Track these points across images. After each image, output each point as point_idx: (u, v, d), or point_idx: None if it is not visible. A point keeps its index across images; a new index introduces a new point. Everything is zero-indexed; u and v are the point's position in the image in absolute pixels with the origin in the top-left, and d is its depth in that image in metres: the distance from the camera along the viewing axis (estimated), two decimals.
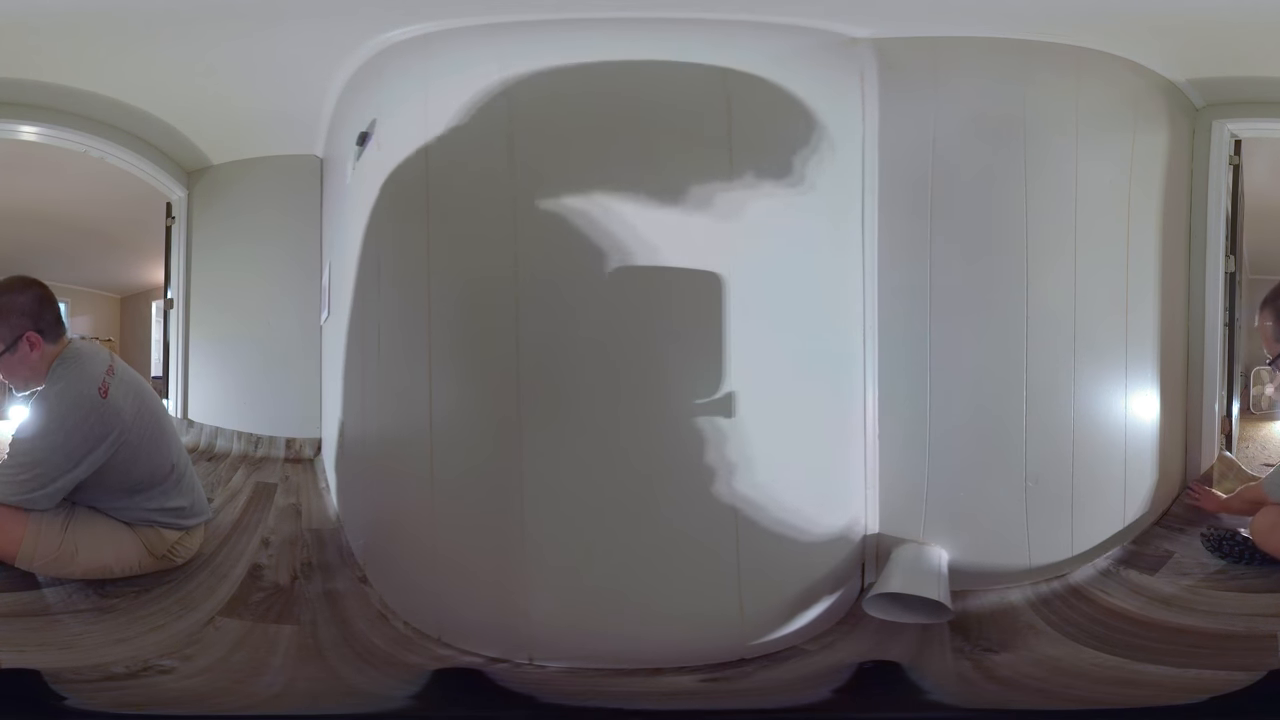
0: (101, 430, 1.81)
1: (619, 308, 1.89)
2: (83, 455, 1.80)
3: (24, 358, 1.79)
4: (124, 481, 1.96)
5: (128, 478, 1.95)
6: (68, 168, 3.04)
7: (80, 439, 1.79)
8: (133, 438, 1.91)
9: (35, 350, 1.79)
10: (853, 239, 2.13)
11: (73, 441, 1.78)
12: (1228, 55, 2.29)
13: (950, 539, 2.17)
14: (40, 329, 1.79)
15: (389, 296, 2.14)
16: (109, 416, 1.82)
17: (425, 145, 1.96)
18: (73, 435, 1.78)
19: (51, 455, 1.79)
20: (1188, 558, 2.26)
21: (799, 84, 2.03)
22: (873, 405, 2.15)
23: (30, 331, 1.78)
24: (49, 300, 1.83)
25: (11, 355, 1.77)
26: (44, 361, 1.81)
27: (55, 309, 1.84)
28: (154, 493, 2.06)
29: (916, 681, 1.81)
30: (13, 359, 1.79)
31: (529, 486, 1.88)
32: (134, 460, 1.94)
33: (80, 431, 1.79)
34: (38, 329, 1.79)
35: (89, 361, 1.87)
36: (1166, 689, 1.73)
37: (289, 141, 2.99)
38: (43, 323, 1.80)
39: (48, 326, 1.80)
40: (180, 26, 2.16)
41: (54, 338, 1.82)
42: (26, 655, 1.75)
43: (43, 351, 1.80)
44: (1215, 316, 2.60)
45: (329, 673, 1.82)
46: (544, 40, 1.92)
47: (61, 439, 1.78)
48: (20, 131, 2.69)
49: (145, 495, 2.04)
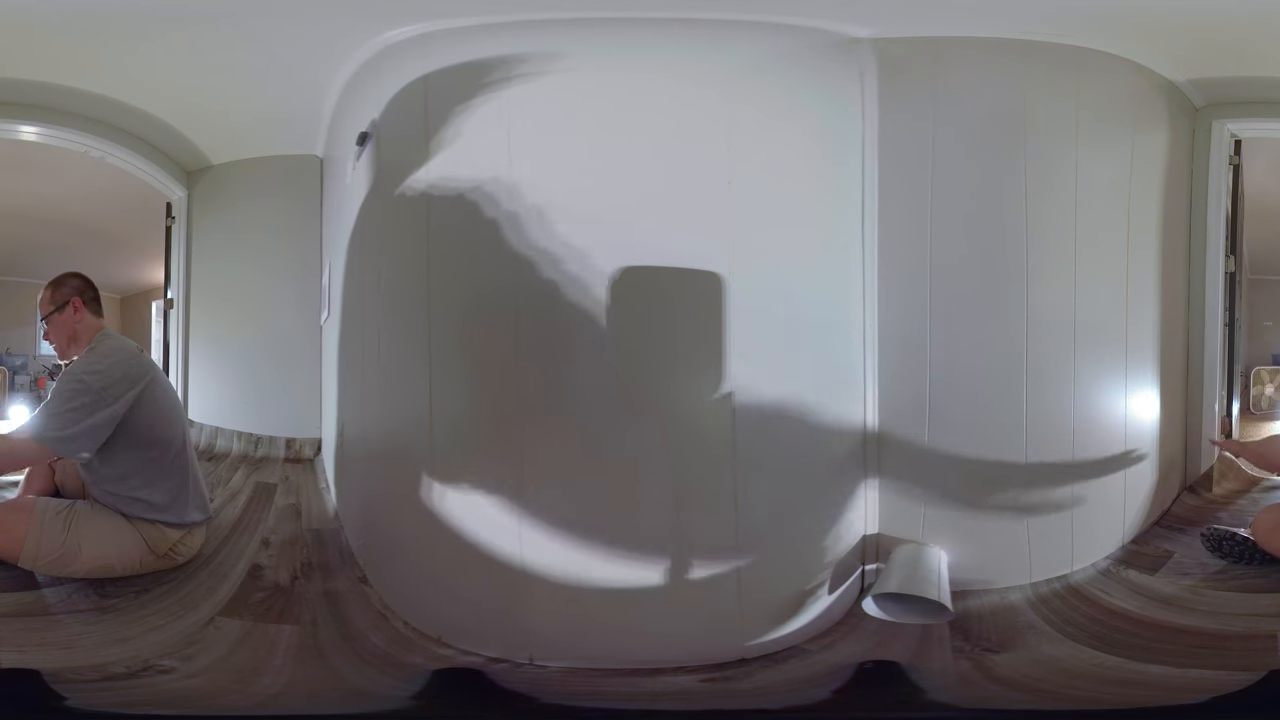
0: (139, 371, 2.10)
1: (618, 308, 1.89)
2: (123, 390, 2.04)
3: (69, 318, 2.17)
4: (148, 435, 2.11)
5: (151, 432, 2.12)
6: (68, 168, 3.04)
7: (121, 374, 2.05)
8: (158, 391, 2.15)
9: (79, 314, 2.17)
10: (853, 239, 2.13)
11: (115, 375, 2.04)
12: (1228, 55, 2.29)
13: (950, 539, 2.17)
14: (84, 299, 2.19)
15: (389, 296, 2.15)
16: (145, 363, 2.16)
17: (425, 145, 1.96)
18: (115, 371, 2.05)
19: (97, 384, 2.00)
20: (1188, 558, 2.26)
21: (799, 84, 2.03)
22: (873, 405, 2.15)
23: (76, 297, 2.18)
24: (91, 284, 2.25)
25: (60, 314, 2.17)
26: (85, 329, 2.18)
27: (96, 292, 2.25)
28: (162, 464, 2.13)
29: (916, 681, 1.81)
30: (61, 317, 2.17)
31: (529, 486, 1.88)
32: (155, 416, 2.13)
33: (122, 369, 2.06)
34: (83, 298, 2.19)
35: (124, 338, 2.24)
36: (1166, 689, 1.73)
37: (289, 141, 2.99)
38: (86, 296, 2.20)
39: (89, 300, 2.21)
40: (180, 26, 2.16)
41: (95, 311, 2.21)
42: (26, 655, 1.75)
43: (84, 317, 2.18)
44: (1215, 316, 2.60)
45: (329, 673, 1.83)
46: (544, 40, 1.92)
47: (107, 370, 2.04)
48: (20, 131, 2.69)
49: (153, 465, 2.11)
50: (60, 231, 3.66)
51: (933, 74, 2.13)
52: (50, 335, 2.20)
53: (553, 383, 1.90)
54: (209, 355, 3.33)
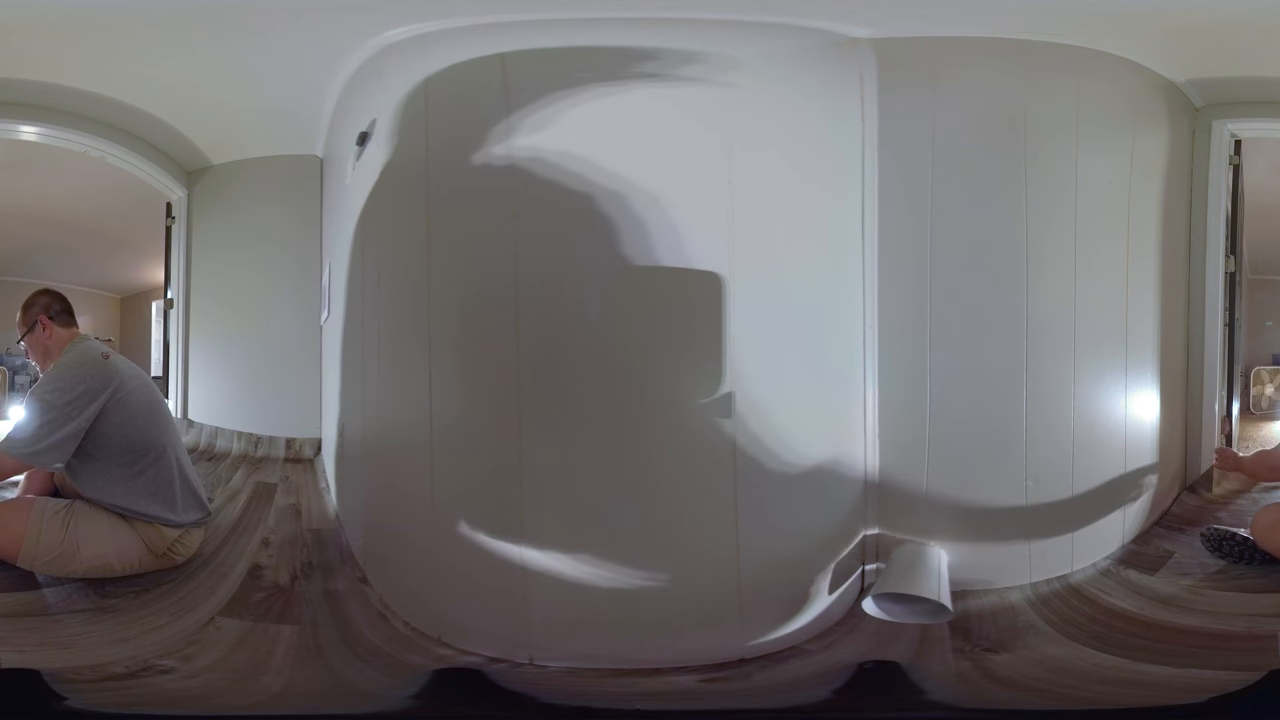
0: (102, 380, 2.12)
1: (618, 308, 1.89)
2: (85, 404, 2.08)
3: (40, 337, 2.26)
4: (119, 445, 2.12)
5: (123, 441, 2.13)
6: (68, 168, 3.04)
7: (83, 389, 2.08)
8: (127, 397, 2.16)
9: (46, 330, 2.25)
10: (853, 239, 2.12)
11: (76, 390, 2.08)
12: (1228, 55, 2.29)
13: (950, 539, 2.17)
14: (50, 315, 2.27)
15: (389, 296, 2.14)
16: (108, 371, 2.16)
17: (425, 145, 1.96)
18: (76, 385, 2.08)
19: (58, 400, 2.06)
20: (1188, 558, 2.26)
21: (799, 84, 2.03)
22: (873, 405, 2.15)
23: (42, 315, 2.26)
24: (58, 297, 2.34)
25: (32, 335, 2.27)
26: (57, 343, 2.24)
27: (63, 304, 2.33)
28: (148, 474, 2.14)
29: (916, 681, 1.81)
30: (33, 337, 2.27)
31: (529, 486, 1.88)
32: (128, 424, 2.14)
33: (84, 383, 2.09)
34: (49, 315, 2.27)
35: (93, 344, 2.28)
36: (1166, 689, 1.73)
37: (289, 141, 2.99)
38: (52, 311, 2.28)
39: (55, 315, 2.28)
40: (180, 26, 2.16)
41: (62, 324, 2.28)
42: (26, 655, 1.75)
43: (53, 333, 2.25)
44: (1215, 316, 2.60)
45: (329, 673, 1.83)
46: (544, 40, 1.92)
47: (67, 387, 2.08)
48: (20, 131, 2.69)
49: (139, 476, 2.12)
50: (60, 231, 3.66)
51: (933, 74, 2.13)
52: (29, 354, 2.31)
53: (553, 382, 1.90)
54: (209, 355, 3.33)
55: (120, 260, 3.92)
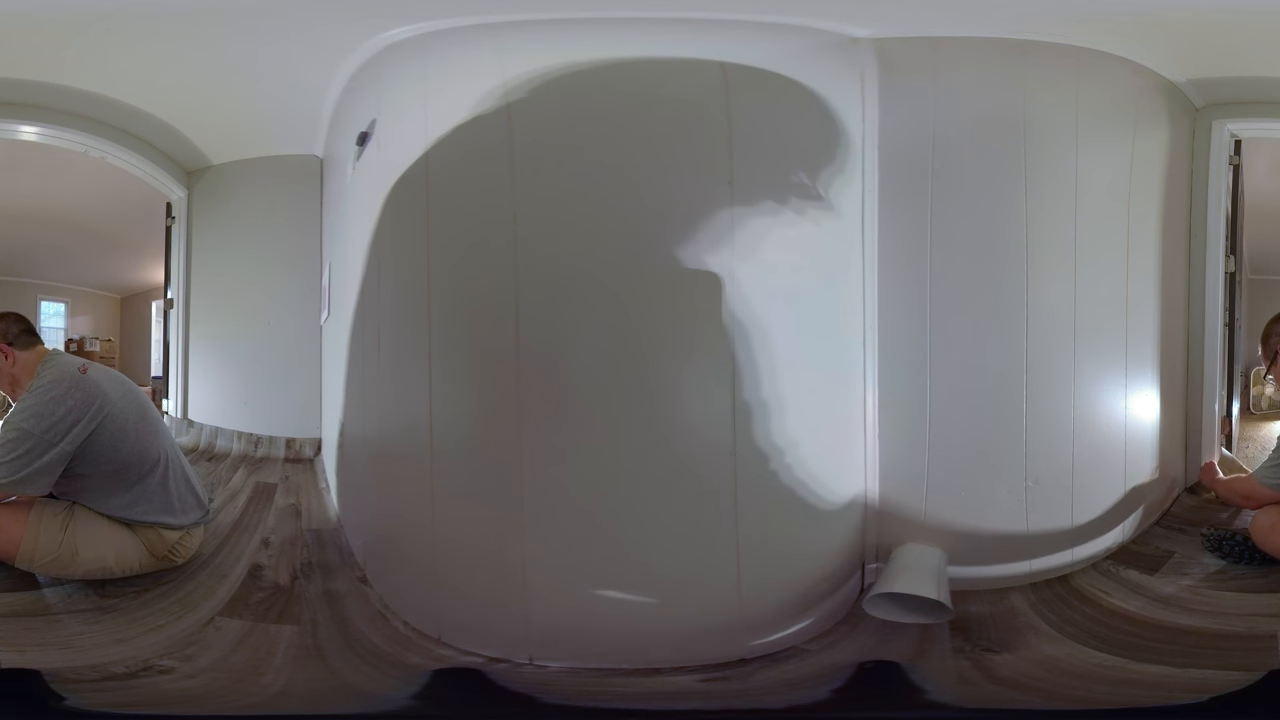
0: (84, 401, 1.98)
1: (619, 308, 1.89)
2: (68, 428, 1.94)
3: (3, 366, 2.08)
4: (113, 462, 2.03)
5: (116, 458, 2.03)
6: (68, 168, 3.04)
7: (64, 412, 1.95)
8: (117, 414, 2.03)
9: (9, 359, 2.08)
10: (853, 239, 2.13)
11: (57, 414, 1.94)
12: (1228, 55, 2.29)
13: (950, 539, 2.17)
14: (9, 341, 2.09)
15: (389, 297, 2.14)
16: (90, 389, 2.00)
17: (425, 145, 1.96)
18: (56, 408, 1.95)
19: (36, 428, 1.92)
20: (1188, 558, 2.26)
21: (799, 84, 2.02)
22: (873, 405, 2.15)
23: (1, 344, 2.08)
24: (14, 319, 2.14)
25: None
26: (24, 368, 2.07)
27: (22, 323, 2.14)
28: (146, 484, 2.08)
29: (916, 681, 1.81)
30: None
31: (529, 486, 1.88)
32: (121, 440, 2.03)
33: (64, 405, 1.95)
34: (7, 341, 2.09)
35: (67, 358, 2.13)
36: (1166, 689, 1.73)
37: (289, 141, 2.99)
38: (9, 336, 2.09)
39: (14, 338, 2.10)
40: (180, 26, 2.16)
41: (24, 345, 2.10)
42: (26, 655, 1.75)
43: (16, 359, 2.08)
44: (1215, 316, 2.60)
45: (329, 673, 1.83)
46: (544, 40, 1.92)
47: (46, 412, 1.94)
48: (20, 131, 2.69)
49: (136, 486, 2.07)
50: (60, 231, 3.66)
51: (933, 74, 2.13)
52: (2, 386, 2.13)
53: (553, 382, 1.89)
54: (209, 355, 3.33)
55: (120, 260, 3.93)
